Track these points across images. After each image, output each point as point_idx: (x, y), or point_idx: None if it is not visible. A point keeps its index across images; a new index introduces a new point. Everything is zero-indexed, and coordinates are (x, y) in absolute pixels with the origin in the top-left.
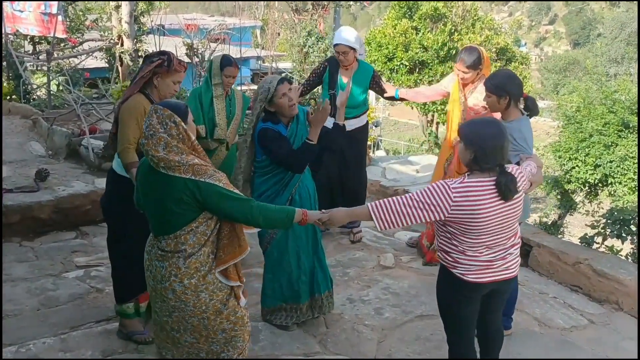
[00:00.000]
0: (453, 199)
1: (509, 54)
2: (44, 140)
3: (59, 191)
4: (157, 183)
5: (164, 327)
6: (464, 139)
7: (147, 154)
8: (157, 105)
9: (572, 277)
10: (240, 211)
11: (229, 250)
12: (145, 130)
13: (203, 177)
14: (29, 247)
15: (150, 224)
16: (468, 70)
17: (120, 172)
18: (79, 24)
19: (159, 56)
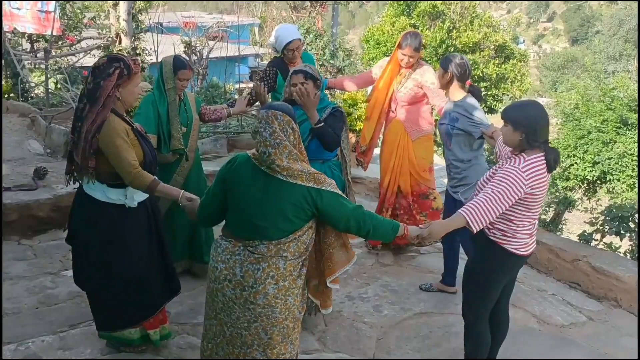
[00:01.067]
0: (526, 179)
1: (507, 51)
2: (42, 138)
3: (58, 189)
4: (274, 190)
5: (234, 342)
6: (514, 121)
7: (272, 163)
8: (275, 110)
9: (570, 274)
10: (355, 219)
11: (338, 258)
12: (270, 138)
13: (324, 186)
14: (28, 245)
15: (241, 228)
16: (414, 54)
17: (105, 199)
18: (77, 22)
19: (112, 65)
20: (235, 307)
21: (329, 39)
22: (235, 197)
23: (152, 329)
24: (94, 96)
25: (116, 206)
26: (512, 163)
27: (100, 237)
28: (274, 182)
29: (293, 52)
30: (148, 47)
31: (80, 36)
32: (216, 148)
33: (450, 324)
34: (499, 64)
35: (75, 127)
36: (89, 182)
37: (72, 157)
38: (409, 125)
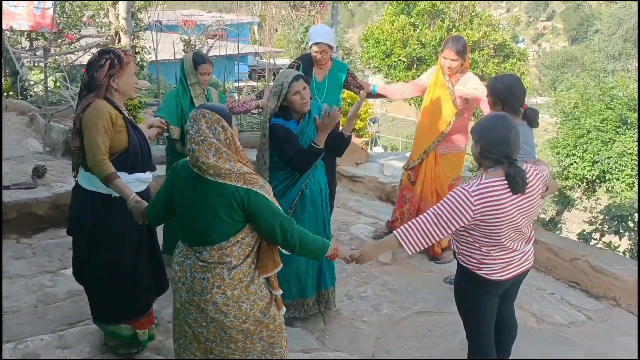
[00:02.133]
0: (474, 203)
1: (507, 50)
2: (41, 136)
3: (56, 188)
4: (203, 191)
5: (198, 338)
6: (473, 134)
7: (197, 160)
8: (203, 109)
9: (569, 273)
10: (282, 229)
11: (267, 262)
12: (195, 135)
13: (255, 187)
14: (27, 243)
15: (186, 234)
16: (457, 57)
17: (90, 187)
18: (76, 20)
19: (103, 57)
20: (191, 309)
21: None
22: (178, 202)
23: (141, 329)
24: (90, 87)
25: (103, 195)
26: (465, 185)
27: (90, 226)
28: (203, 182)
29: (317, 53)
30: (147, 45)
31: (80, 34)
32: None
33: (449, 323)
34: (498, 63)
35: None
36: (80, 171)
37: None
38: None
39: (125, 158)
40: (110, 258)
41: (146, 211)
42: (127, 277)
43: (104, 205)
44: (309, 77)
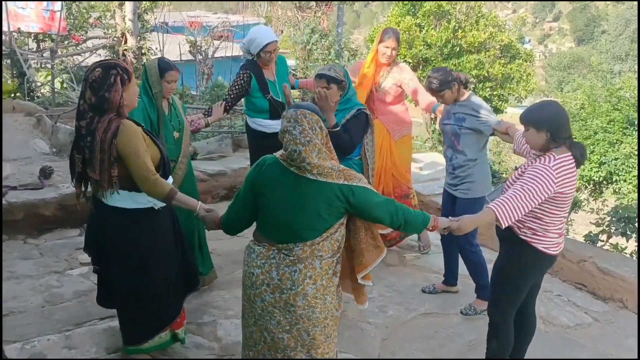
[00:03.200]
0: (556, 176)
1: (513, 50)
2: (48, 137)
3: (63, 188)
4: (302, 189)
5: (276, 345)
6: (535, 123)
7: (303, 161)
8: (303, 109)
9: (576, 275)
10: (388, 212)
11: (369, 254)
12: (300, 136)
13: (355, 182)
14: (34, 244)
15: (275, 233)
16: (396, 46)
17: (129, 205)
18: (83, 22)
19: (110, 74)
20: (275, 312)
21: (334, 39)
22: (267, 201)
23: (178, 327)
24: (101, 108)
25: (145, 210)
26: (542, 161)
27: (133, 246)
28: (304, 181)
29: (270, 54)
30: (153, 46)
31: (86, 36)
32: (221, 148)
33: (455, 324)
34: (504, 64)
35: (85, 144)
36: (112, 194)
37: (84, 177)
38: (390, 126)
39: (164, 170)
40: (158, 270)
41: (225, 218)
42: (168, 284)
43: (150, 218)
44: (264, 81)
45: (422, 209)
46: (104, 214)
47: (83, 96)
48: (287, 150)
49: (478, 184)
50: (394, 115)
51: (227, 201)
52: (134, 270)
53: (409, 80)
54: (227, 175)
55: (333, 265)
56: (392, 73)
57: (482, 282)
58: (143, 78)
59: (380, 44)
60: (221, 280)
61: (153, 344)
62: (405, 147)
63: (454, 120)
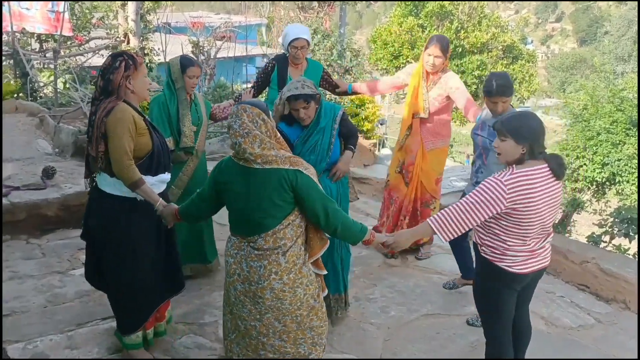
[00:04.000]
0: (507, 192)
1: (516, 51)
2: (51, 138)
3: (66, 189)
4: (254, 181)
5: (249, 333)
6: (516, 135)
7: (244, 152)
8: (244, 104)
9: (579, 276)
10: (325, 211)
11: (315, 242)
12: (239, 129)
13: (300, 168)
14: (36, 244)
15: (240, 227)
16: (441, 55)
17: (115, 192)
18: (86, 22)
19: (117, 59)
20: (246, 300)
21: (337, 39)
22: (229, 197)
23: (150, 327)
24: (107, 90)
25: (129, 199)
26: (496, 175)
27: (116, 232)
28: (252, 172)
29: (297, 50)
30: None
31: (89, 36)
32: (224, 148)
33: (457, 325)
34: (507, 65)
35: (90, 122)
36: (101, 175)
37: (88, 162)
38: (425, 135)
39: (150, 161)
40: (131, 261)
41: (182, 211)
42: (144, 283)
43: (129, 209)
44: (284, 77)
45: None
46: (94, 196)
47: (96, 84)
48: (232, 144)
49: None
50: (432, 126)
51: None
52: (112, 255)
53: (455, 90)
54: None
55: (302, 255)
56: (439, 83)
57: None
58: (167, 74)
59: (424, 52)
60: (223, 281)
61: (128, 342)
62: (437, 159)
63: (487, 134)
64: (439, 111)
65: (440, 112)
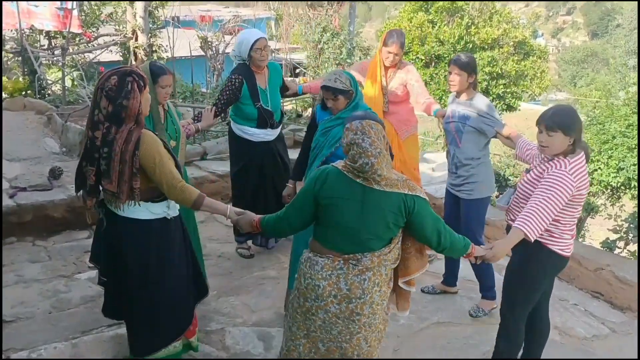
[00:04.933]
0: (574, 180)
1: (527, 47)
2: (58, 136)
3: (72, 190)
4: (373, 201)
5: (330, 355)
6: (564, 128)
7: (375, 172)
8: (369, 120)
9: (593, 284)
10: (438, 232)
11: (416, 264)
12: (371, 148)
13: (418, 193)
14: (42, 246)
15: (343, 244)
16: (400, 52)
17: (142, 216)
18: (94, 18)
19: (126, 81)
20: (338, 322)
21: (346, 37)
22: (334, 213)
23: (192, 336)
24: (119, 117)
25: (158, 220)
26: (558, 167)
27: (148, 256)
28: (372, 192)
29: (261, 51)
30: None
31: (98, 32)
32: (218, 147)
33: (469, 335)
34: (518, 61)
35: (101, 155)
36: (130, 206)
37: (96, 189)
38: (398, 125)
39: None
40: (171, 280)
41: (266, 223)
42: (181, 294)
43: (163, 228)
44: (256, 88)
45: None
46: (118, 225)
47: (98, 106)
48: (358, 163)
49: (481, 184)
50: (401, 115)
51: None
52: (148, 281)
53: (415, 82)
54: None
55: (390, 271)
56: (398, 73)
57: (488, 284)
58: None
59: (383, 47)
60: (230, 286)
61: (166, 352)
62: (413, 145)
63: (457, 118)
64: (403, 99)
65: (404, 100)
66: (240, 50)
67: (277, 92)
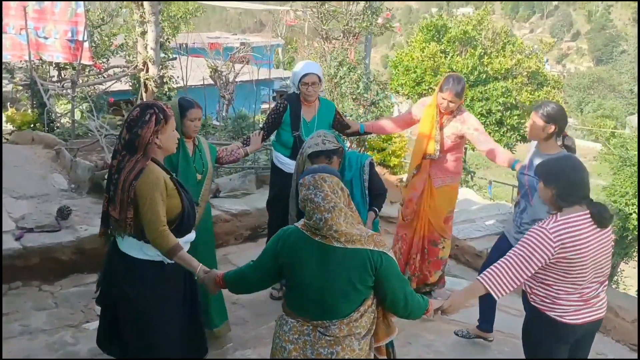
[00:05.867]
0: (554, 240)
1: (540, 77)
2: (67, 172)
3: (81, 231)
4: (331, 259)
5: None
6: (543, 178)
7: (330, 229)
8: (321, 173)
9: (631, 335)
10: (404, 296)
11: (380, 329)
12: (323, 202)
13: (385, 249)
14: (49, 291)
15: (308, 309)
16: (456, 100)
17: (139, 255)
18: (105, 49)
19: (147, 112)
20: None
21: (363, 72)
22: (295, 276)
23: None
24: (132, 146)
25: (154, 263)
26: (541, 224)
27: (142, 296)
28: (332, 251)
29: (308, 86)
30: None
31: (108, 63)
32: (245, 184)
33: None
34: (532, 91)
35: (112, 181)
36: (124, 238)
37: (107, 217)
38: (434, 172)
39: (180, 223)
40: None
41: (229, 280)
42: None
43: (155, 272)
44: (298, 117)
45: (457, 255)
46: (116, 259)
47: (120, 135)
48: (312, 219)
49: None
50: (441, 163)
51: (251, 242)
52: (136, 321)
53: (474, 131)
54: (251, 214)
55: (366, 345)
56: (453, 122)
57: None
58: None
59: (439, 93)
60: (245, 337)
61: None
62: (446, 196)
63: (534, 173)
64: (450, 149)
65: (451, 150)
66: (293, 79)
67: (325, 128)
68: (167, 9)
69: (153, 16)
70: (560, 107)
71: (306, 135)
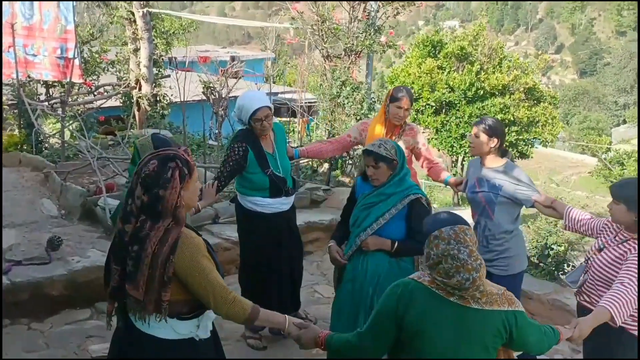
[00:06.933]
0: None
1: (537, 93)
2: (57, 197)
3: (73, 263)
4: (468, 323)
5: None
6: (627, 202)
7: (477, 289)
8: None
9: None
10: (540, 341)
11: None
12: (470, 260)
13: (519, 307)
14: (39, 330)
15: None
16: (410, 106)
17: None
18: (95, 66)
19: (167, 167)
20: None
21: (367, 92)
22: (425, 343)
23: None
24: (154, 211)
25: (185, 341)
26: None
27: None
28: (468, 313)
29: (262, 122)
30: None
31: (98, 81)
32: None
33: None
34: (529, 107)
35: (129, 254)
36: (154, 321)
37: (118, 293)
38: None
39: None
40: None
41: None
42: None
43: (189, 353)
44: (263, 153)
45: None
46: (134, 342)
47: (132, 194)
48: (455, 279)
49: (516, 259)
50: None
51: None
52: None
53: (421, 146)
54: None
55: None
56: (404, 136)
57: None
58: (134, 155)
59: (391, 104)
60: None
61: None
62: None
63: (488, 187)
64: None
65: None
66: (240, 116)
67: (285, 155)
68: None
69: (146, 32)
70: (499, 120)
71: (277, 169)
